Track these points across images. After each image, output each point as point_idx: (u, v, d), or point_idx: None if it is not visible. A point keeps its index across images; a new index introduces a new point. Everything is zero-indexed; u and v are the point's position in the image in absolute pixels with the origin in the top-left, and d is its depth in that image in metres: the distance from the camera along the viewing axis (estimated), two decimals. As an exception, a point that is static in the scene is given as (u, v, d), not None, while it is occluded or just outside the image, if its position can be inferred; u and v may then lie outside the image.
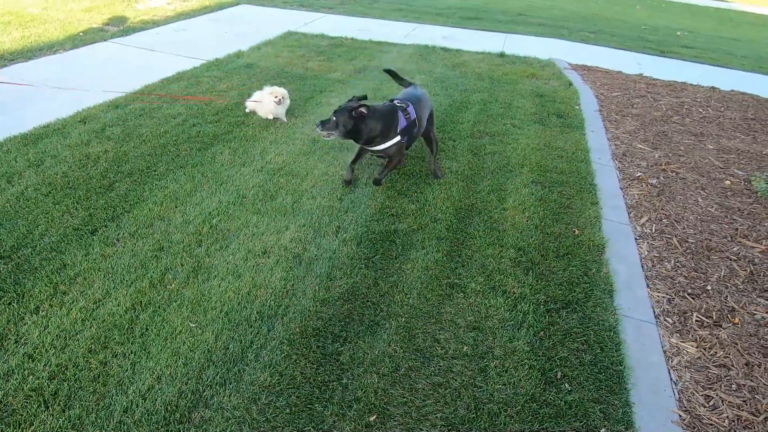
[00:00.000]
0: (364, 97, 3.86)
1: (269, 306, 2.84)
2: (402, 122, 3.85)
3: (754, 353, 2.78)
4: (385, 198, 3.90)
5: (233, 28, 8.63)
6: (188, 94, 5.51)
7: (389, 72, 4.58)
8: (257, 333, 2.67)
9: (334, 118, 3.72)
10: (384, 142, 3.85)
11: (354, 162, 4.14)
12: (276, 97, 4.86)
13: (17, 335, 2.54)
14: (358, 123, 3.73)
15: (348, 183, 4.04)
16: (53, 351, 2.47)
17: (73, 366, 2.41)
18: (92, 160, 4.10)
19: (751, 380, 2.63)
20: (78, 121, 4.73)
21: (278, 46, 7.69)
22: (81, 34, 7.37)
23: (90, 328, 2.62)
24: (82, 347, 2.51)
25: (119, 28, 7.86)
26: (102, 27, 7.83)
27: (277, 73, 6.44)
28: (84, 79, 5.81)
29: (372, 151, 3.98)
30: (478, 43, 8.78)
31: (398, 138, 3.85)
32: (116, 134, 4.53)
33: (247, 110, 5.22)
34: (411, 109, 3.92)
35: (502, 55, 8.14)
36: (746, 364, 2.72)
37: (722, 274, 3.39)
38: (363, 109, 3.68)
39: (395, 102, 3.95)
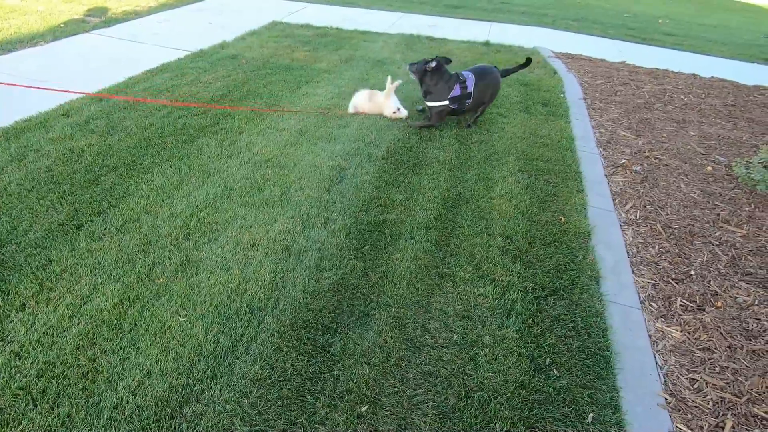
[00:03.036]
0: (448, 61, 4.61)
1: (259, 299, 2.81)
2: (456, 90, 4.53)
3: (736, 336, 2.81)
4: (373, 188, 3.87)
5: (217, 18, 8.49)
6: (172, 86, 5.41)
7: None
8: (247, 326, 2.64)
9: (417, 64, 4.62)
10: (434, 101, 4.63)
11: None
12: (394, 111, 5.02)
13: (3, 333, 2.49)
14: (424, 75, 4.59)
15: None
16: (40, 348, 2.42)
17: (62, 363, 2.36)
18: (76, 153, 4.02)
19: (734, 362, 2.66)
20: (61, 114, 4.62)
21: (263, 37, 7.57)
22: (62, 25, 7.19)
23: (78, 324, 2.57)
24: (70, 344, 2.46)
25: (101, 19, 7.69)
26: (83, 18, 7.65)
27: (262, 63, 6.35)
28: (66, 72, 5.68)
29: (425, 103, 4.77)
30: (463, 32, 8.73)
31: (446, 102, 4.57)
32: (100, 127, 4.43)
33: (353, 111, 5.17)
34: (470, 82, 4.56)
35: (487, 43, 8.11)
36: (729, 347, 2.74)
37: (705, 258, 3.42)
38: (431, 65, 4.51)
39: (461, 73, 4.61)
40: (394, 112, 5.01)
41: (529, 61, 5.03)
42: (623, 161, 4.63)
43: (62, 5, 8.12)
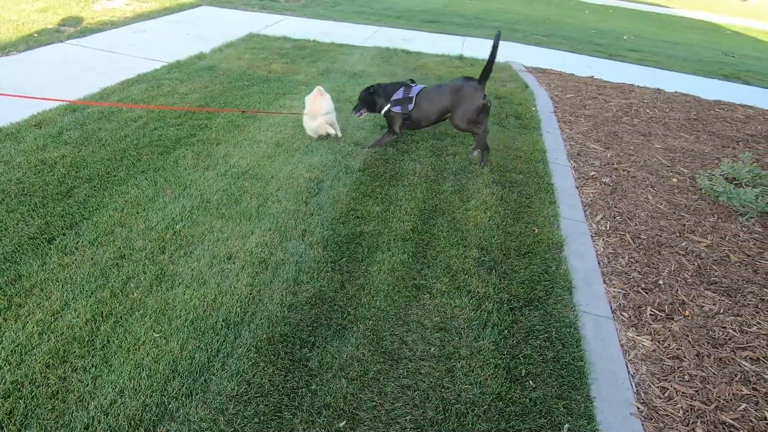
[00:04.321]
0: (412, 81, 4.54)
1: (235, 313, 2.73)
2: (399, 94, 4.41)
3: (703, 344, 2.84)
4: (351, 200, 3.83)
5: (194, 29, 8.37)
6: (148, 97, 5.30)
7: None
8: (223, 341, 2.57)
9: (358, 104, 4.60)
10: (383, 107, 4.51)
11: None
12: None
13: (-31, 352, 2.37)
14: (372, 96, 4.52)
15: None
16: (8, 367, 2.31)
17: (30, 383, 2.25)
18: (48, 165, 3.88)
19: (702, 370, 2.69)
20: (33, 125, 4.47)
21: (240, 48, 7.49)
22: (35, 35, 6.99)
23: (48, 341, 2.46)
24: (39, 362, 2.35)
25: (76, 29, 7.51)
26: (57, 28, 7.45)
27: (240, 75, 6.27)
28: (39, 82, 5.51)
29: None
30: (438, 46, 8.78)
31: (388, 106, 4.45)
32: (74, 138, 4.30)
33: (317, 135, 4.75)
34: (415, 89, 4.41)
35: (461, 57, 8.17)
36: (697, 355, 2.77)
37: (672, 268, 3.47)
38: (369, 89, 4.53)
39: (409, 80, 4.55)
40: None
41: (494, 49, 4.34)
42: (593, 173, 4.69)
43: (35, 15, 7.91)
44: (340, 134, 4.85)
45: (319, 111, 4.52)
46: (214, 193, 3.75)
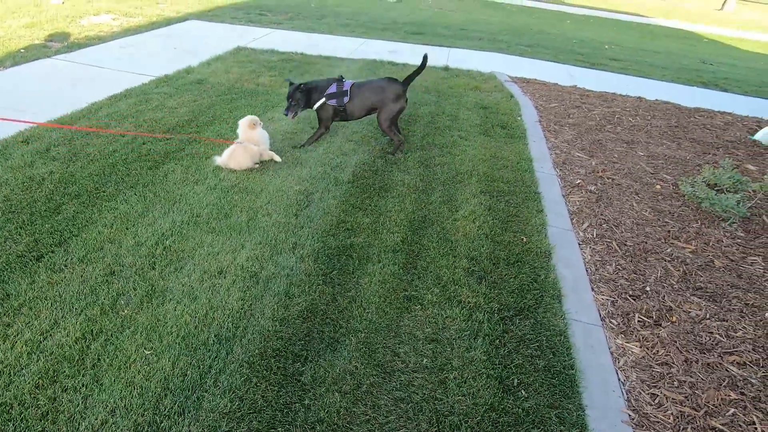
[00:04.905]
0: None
1: (227, 328, 2.71)
2: (332, 88, 4.66)
3: (691, 350, 2.86)
4: (340, 212, 3.82)
5: (182, 44, 8.34)
6: (137, 112, 5.25)
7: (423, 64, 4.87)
8: (216, 357, 2.54)
9: (289, 101, 4.62)
10: (316, 101, 4.70)
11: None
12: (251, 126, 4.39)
13: (-44, 374, 2.31)
14: (302, 93, 4.64)
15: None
16: (-4, 389, 2.26)
17: (19, 404, 2.20)
18: (36, 182, 3.83)
19: (690, 376, 2.71)
20: (20, 141, 4.42)
21: (228, 62, 7.47)
22: (22, 51, 6.93)
23: (37, 361, 2.41)
24: (29, 383, 2.30)
25: (63, 44, 7.45)
26: (45, 43, 7.39)
27: (228, 88, 6.25)
28: (26, 97, 5.45)
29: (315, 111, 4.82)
30: (424, 57, 8.81)
31: (323, 100, 4.66)
32: (62, 154, 4.25)
33: (218, 163, 4.35)
34: (347, 83, 4.69)
35: (446, 68, 8.22)
36: (685, 361, 2.79)
37: (659, 274, 3.50)
38: (301, 86, 4.63)
39: (339, 76, 4.79)
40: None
41: (424, 61, 4.82)
42: (579, 181, 4.73)
43: (22, 30, 7.83)
44: (279, 159, 4.59)
45: (259, 142, 4.40)
46: (204, 207, 3.72)
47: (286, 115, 4.64)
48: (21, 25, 8.06)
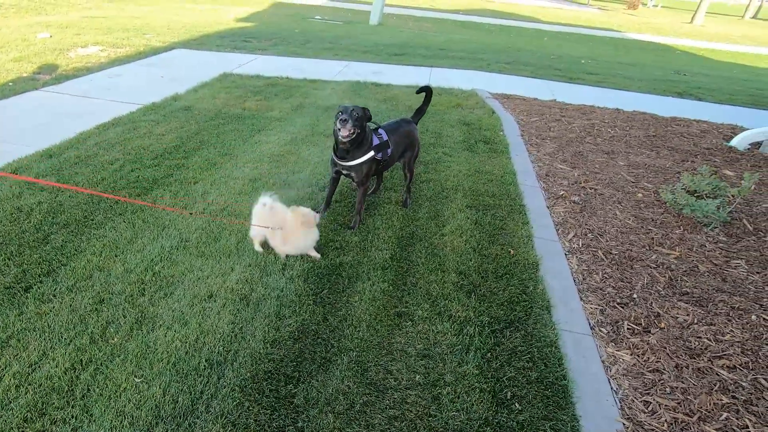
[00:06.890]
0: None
1: (218, 352, 2.64)
2: (375, 140, 3.70)
3: (681, 355, 2.84)
4: (329, 231, 3.78)
5: (169, 72, 8.32)
6: (125, 140, 5.20)
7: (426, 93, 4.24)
8: (207, 382, 2.46)
9: (350, 118, 3.41)
10: (358, 157, 3.63)
11: (327, 203, 4.05)
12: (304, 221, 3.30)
13: (-62, 413, 2.22)
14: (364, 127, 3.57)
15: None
16: (-19, 426, 2.17)
17: (5, 441, 2.12)
18: (24, 213, 3.75)
19: (682, 382, 2.67)
20: (9, 172, 4.34)
21: (215, 88, 7.46)
22: (10, 83, 6.86)
23: (25, 394, 2.33)
24: (17, 417, 2.22)
25: (51, 76, 7.39)
26: (33, 76, 7.33)
27: (215, 114, 6.22)
28: (14, 129, 5.38)
29: (344, 167, 3.71)
30: (406, 77, 8.89)
31: (371, 153, 3.66)
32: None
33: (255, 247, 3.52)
34: (382, 131, 3.80)
35: (429, 87, 8.27)
36: (676, 367, 2.76)
37: (645, 282, 3.48)
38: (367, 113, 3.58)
39: (376, 125, 3.85)
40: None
41: (424, 91, 4.27)
42: (562, 192, 4.73)
43: (10, 63, 7.77)
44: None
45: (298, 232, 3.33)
46: (192, 232, 3.66)
47: (342, 126, 3.41)
48: (9, 59, 7.99)
